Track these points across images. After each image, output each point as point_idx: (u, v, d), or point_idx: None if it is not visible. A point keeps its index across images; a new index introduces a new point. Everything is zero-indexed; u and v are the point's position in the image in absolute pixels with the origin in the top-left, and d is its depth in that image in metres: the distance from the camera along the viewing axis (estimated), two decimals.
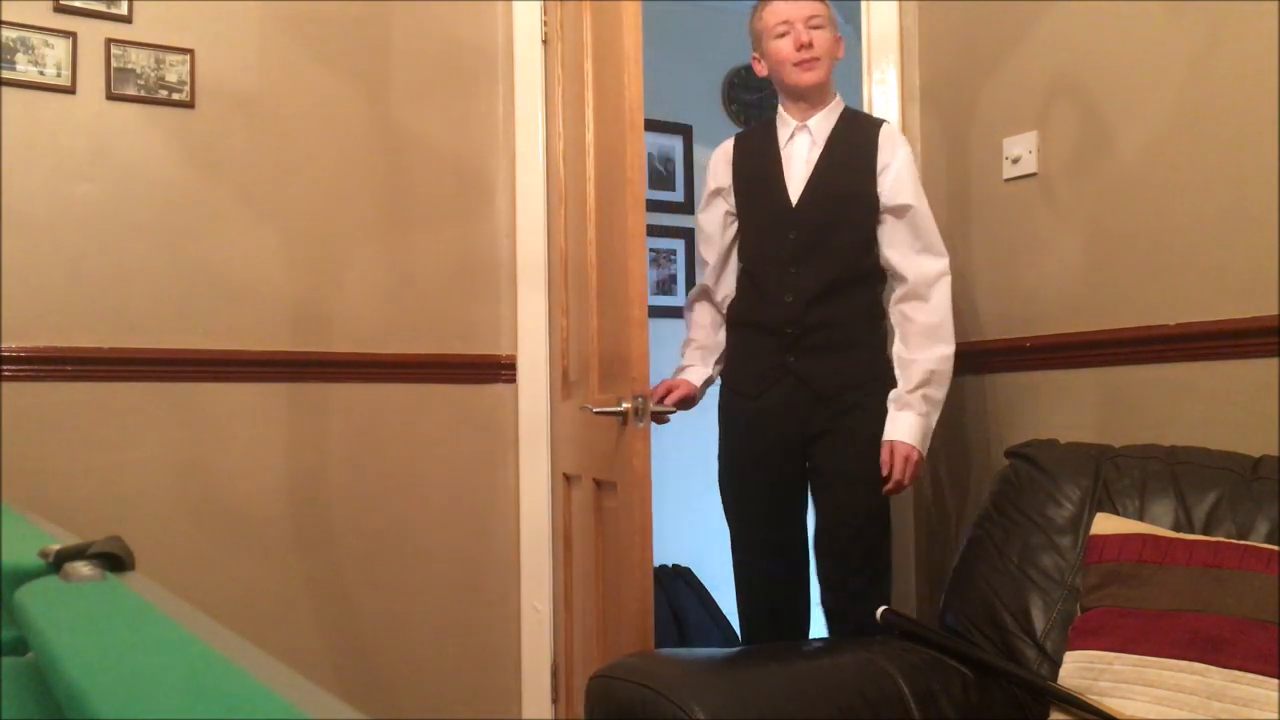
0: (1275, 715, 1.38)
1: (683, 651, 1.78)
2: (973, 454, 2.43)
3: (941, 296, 2.12)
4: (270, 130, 2.47)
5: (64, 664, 0.69)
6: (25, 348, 2.20)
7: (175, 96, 2.35)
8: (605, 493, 2.20)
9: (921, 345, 2.09)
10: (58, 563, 1.05)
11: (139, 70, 2.31)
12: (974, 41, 2.44)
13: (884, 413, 2.09)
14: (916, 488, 2.56)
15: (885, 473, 2.04)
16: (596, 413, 2.05)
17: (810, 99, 2.20)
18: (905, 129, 2.59)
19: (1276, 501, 1.63)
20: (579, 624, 2.52)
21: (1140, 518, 1.73)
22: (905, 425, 2.05)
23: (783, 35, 2.17)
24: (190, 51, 2.37)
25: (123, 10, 2.30)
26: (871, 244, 2.17)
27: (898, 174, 2.15)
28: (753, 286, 2.23)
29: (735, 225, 2.28)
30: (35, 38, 2.22)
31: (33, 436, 2.19)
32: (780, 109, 2.26)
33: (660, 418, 2.15)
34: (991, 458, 2.31)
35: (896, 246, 2.14)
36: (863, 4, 2.62)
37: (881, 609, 1.85)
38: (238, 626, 0.80)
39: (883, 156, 2.16)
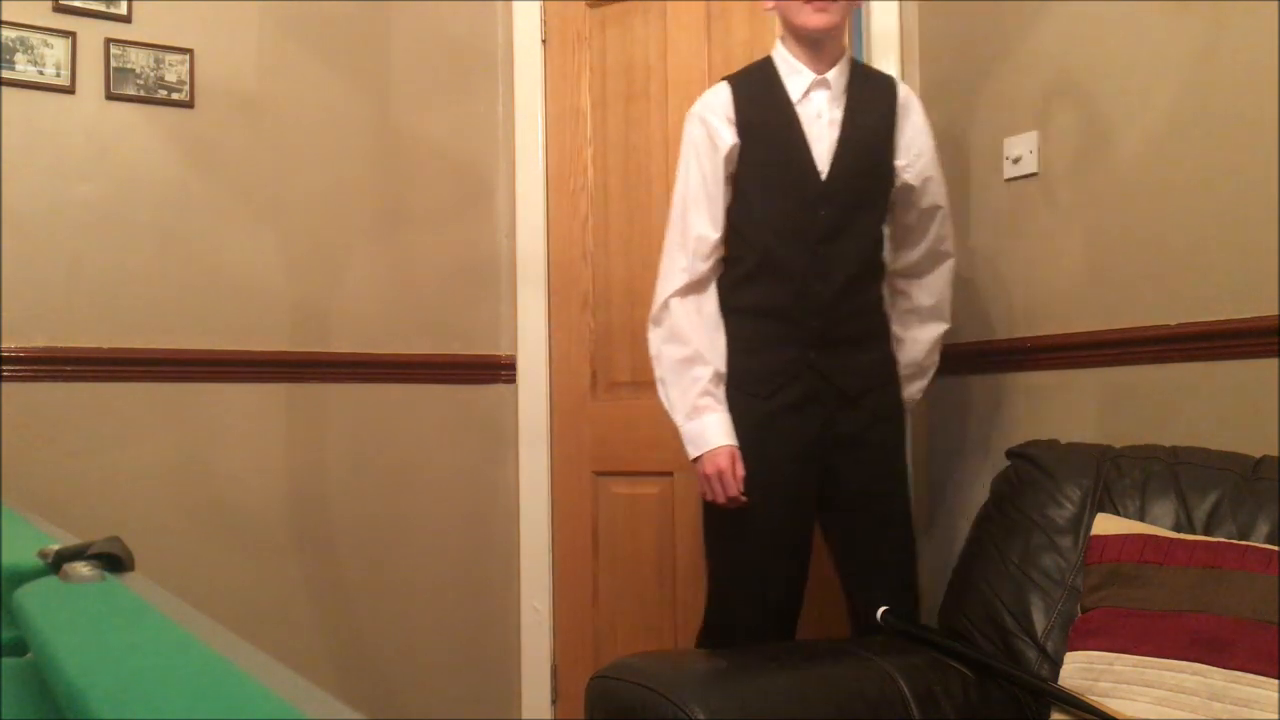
0: (1276, 716, 1.38)
1: (683, 652, 1.78)
2: (973, 454, 2.42)
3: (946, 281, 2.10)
4: (270, 130, 2.47)
5: (63, 664, 0.69)
6: (25, 348, 2.20)
7: (175, 96, 2.35)
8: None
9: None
10: (57, 563, 1.05)
11: (138, 70, 2.31)
12: (974, 41, 2.44)
13: (903, 418, 2.04)
14: (916, 488, 2.56)
15: None
16: None
17: (823, 47, 1.91)
18: None
19: (1277, 502, 1.63)
20: (608, 621, 2.54)
21: (1141, 518, 1.73)
22: None
23: None
24: (190, 51, 2.37)
25: (122, 10, 2.30)
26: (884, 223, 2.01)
27: (923, 154, 1.99)
28: (766, 269, 1.91)
29: (729, 194, 1.94)
30: (35, 38, 2.22)
31: (33, 436, 2.19)
32: (783, 52, 1.94)
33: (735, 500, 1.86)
34: (991, 458, 2.31)
35: (915, 246, 2.04)
36: (863, 4, 2.62)
37: (881, 609, 1.84)
38: (237, 626, 0.80)
39: (904, 127, 1.97)
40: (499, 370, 2.74)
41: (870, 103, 1.95)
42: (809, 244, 1.89)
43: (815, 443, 1.90)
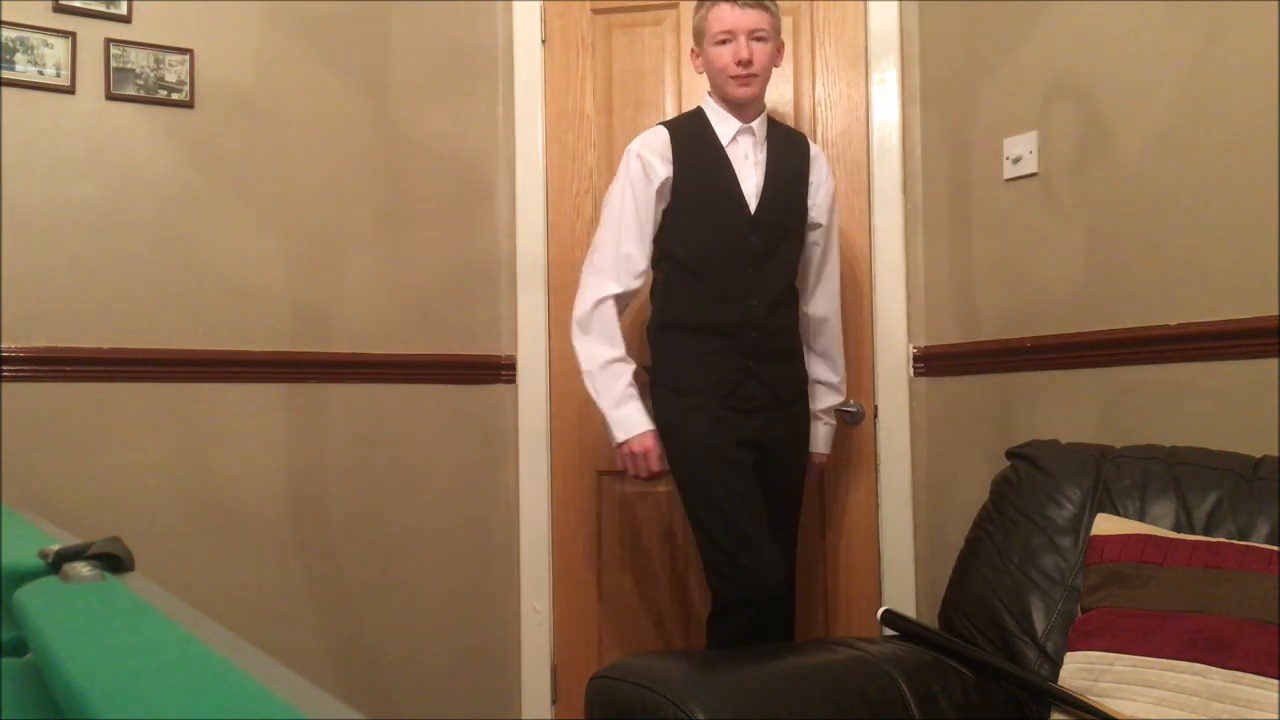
0: (1276, 716, 1.38)
1: (683, 652, 1.78)
2: (973, 454, 2.43)
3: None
4: (270, 130, 2.47)
5: (63, 664, 0.69)
6: (25, 348, 2.20)
7: (174, 96, 2.35)
8: None
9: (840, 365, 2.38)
10: (57, 563, 1.05)
11: (138, 70, 2.31)
12: (974, 41, 2.44)
13: (809, 426, 2.33)
14: (915, 488, 2.57)
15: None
16: None
17: (747, 106, 2.20)
18: (905, 129, 2.59)
19: (1277, 502, 1.63)
20: (608, 621, 2.54)
21: (1141, 518, 1.73)
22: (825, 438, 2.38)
23: (723, 43, 2.13)
24: (190, 51, 2.37)
25: (122, 10, 2.30)
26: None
27: (828, 199, 2.29)
28: (703, 288, 2.15)
29: (660, 221, 2.18)
30: (35, 38, 2.22)
31: (33, 436, 2.19)
32: (712, 104, 2.22)
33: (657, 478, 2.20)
34: (991, 458, 2.31)
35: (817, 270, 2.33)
36: (863, 4, 2.62)
37: (882, 609, 1.85)
38: (237, 626, 0.80)
39: (813, 174, 2.27)
40: (499, 370, 2.74)
41: (786, 151, 2.24)
42: (742, 267, 2.15)
43: (756, 434, 2.15)
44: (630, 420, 2.12)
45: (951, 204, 2.50)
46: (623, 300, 2.17)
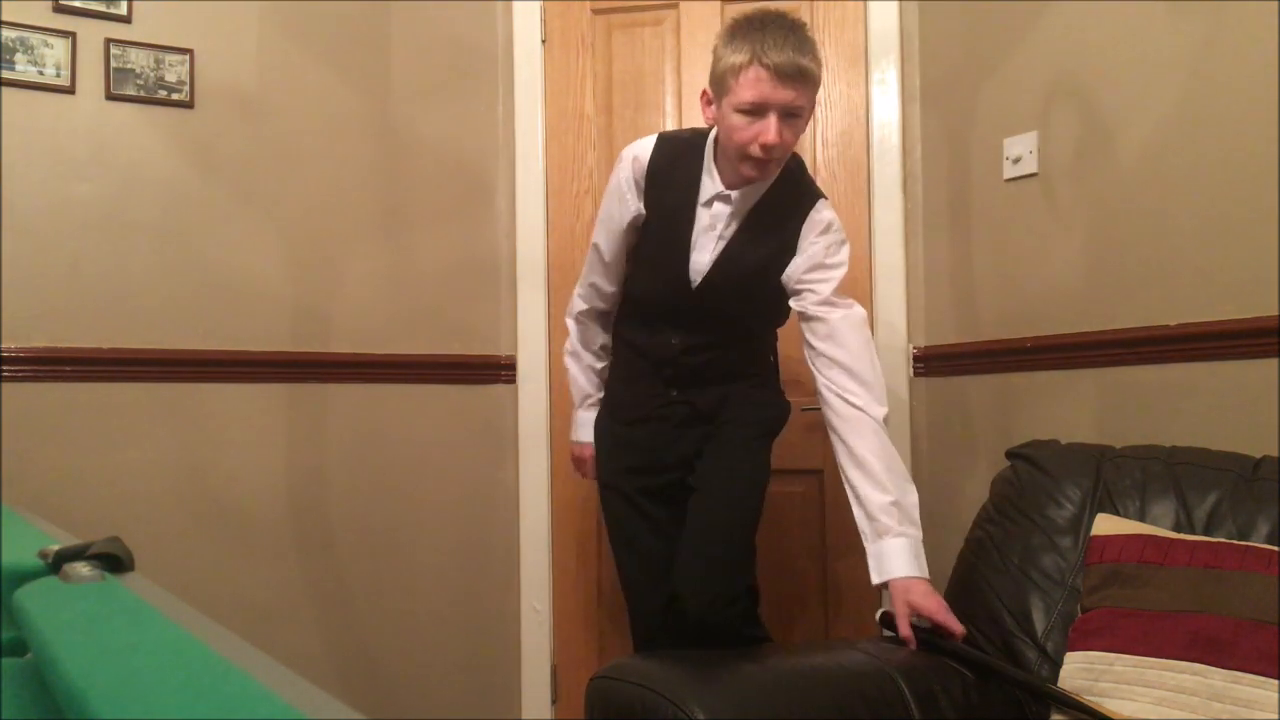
0: (1276, 716, 1.38)
1: (683, 652, 1.78)
2: (973, 454, 2.43)
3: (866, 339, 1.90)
4: (270, 130, 2.47)
5: (63, 664, 0.69)
6: (25, 348, 2.20)
7: (174, 96, 2.35)
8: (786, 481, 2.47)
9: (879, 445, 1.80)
10: (57, 563, 1.05)
11: (138, 70, 2.31)
12: (974, 41, 2.44)
13: (750, 406, 2.01)
14: (916, 487, 2.56)
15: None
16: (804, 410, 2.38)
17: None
18: (905, 129, 2.59)
19: (1277, 502, 1.63)
20: (608, 622, 2.54)
21: (1141, 518, 1.73)
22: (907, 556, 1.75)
23: (747, 114, 1.74)
24: (190, 51, 2.37)
25: (122, 10, 2.30)
26: (771, 321, 2.06)
27: (811, 267, 1.88)
28: (639, 313, 2.06)
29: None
30: (35, 38, 2.22)
31: (33, 436, 2.19)
32: (712, 148, 1.91)
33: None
34: (991, 458, 2.31)
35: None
36: (863, 4, 2.62)
37: (881, 610, 1.84)
38: (237, 627, 0.80)
39: (805, 240, 1.89)
40: (499, 370, 2.74)
41: (769, 223, 1.90)
42: (678, 324, 1.98)
43: (682, 450, 2.01)
44: (583, 427, 2.20)
45: (951, 204, 2.50)
46: (604, 320, 2.17)
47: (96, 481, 2.25)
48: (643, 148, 1.95)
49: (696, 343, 1.99)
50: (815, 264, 1.88)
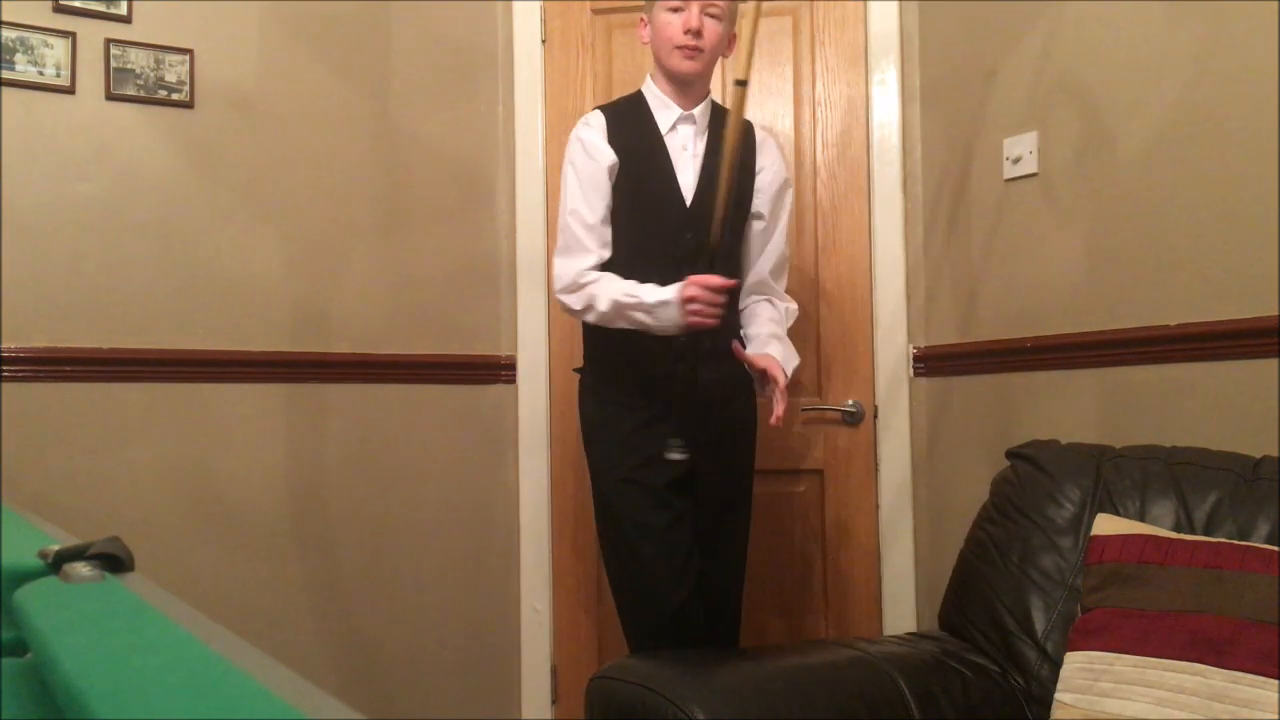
0: (1276, 716, 1.38)
1: (683, 652, 1.78)
2: (973, 454, 2.42)
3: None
4: (270, 130, 2.47)
5: (63, 665, 0.69)
6: (25, 348, 2.20)
7: (174, 97, 2.35)
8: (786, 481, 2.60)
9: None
10: (57, 563, 1.04)
11: (138, 70, 2.31)
12: (974, 41, 2.44)
13: (754, 426, 2.17)
14: (916, 488, 2.57)
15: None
16: (823, 409, 2.54)
17: (691, 87, 2.07)
18: (905, 129, 2.59)
19: (1277, 502, 1.63)
20: (608, 622, 2.55)
21: (1141, 518, 1.73)
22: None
23: (675, 11, 2.00)
24: (189, 52, 2.37)
25: (122, 10, 2.30)
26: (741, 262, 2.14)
27: (774, 181, 2.12)
28: (637, 276, 2.00)
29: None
30: (35, 38, 2.21)
31: (33, 436, 2.19)
32: (653, 87, 2.10)
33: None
34: (991, 458, 2.31)
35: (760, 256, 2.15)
36: (863, 4, 2.62)
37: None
38: (237, 626, 0.80)
39: (761, 158, 2.12)
40: (499, 370, 2.74)
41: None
42: (675, 265, 1.96)
43: (686, 438, 1.96)
44: (662, 290, 1.94)
45: (951, 204, 2.50)
46: (602, 266, 2.05)
47: (96, 481, 2.25)
48: (590, 114, 2.11)
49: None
50: (774, 180, 2.13)
